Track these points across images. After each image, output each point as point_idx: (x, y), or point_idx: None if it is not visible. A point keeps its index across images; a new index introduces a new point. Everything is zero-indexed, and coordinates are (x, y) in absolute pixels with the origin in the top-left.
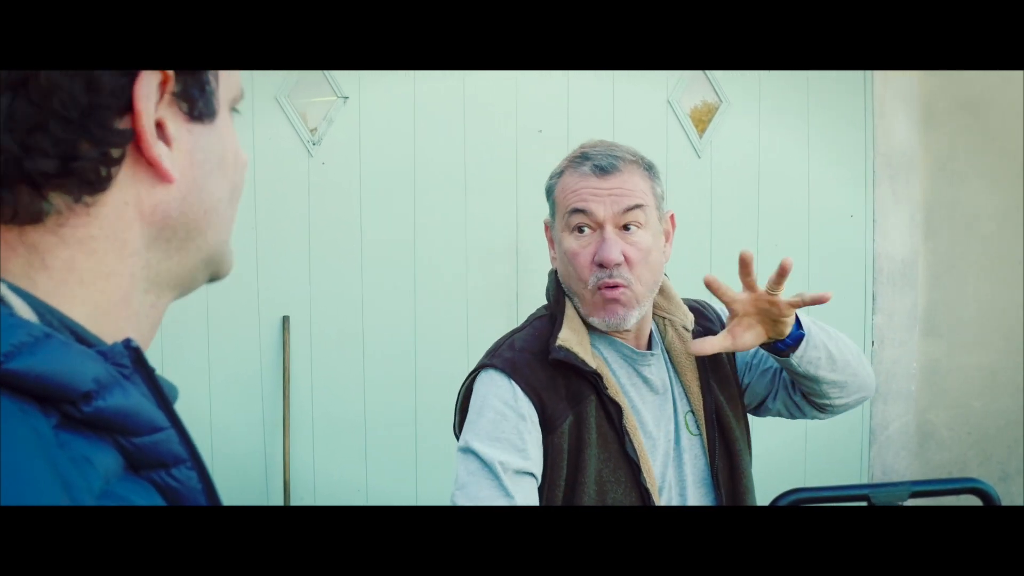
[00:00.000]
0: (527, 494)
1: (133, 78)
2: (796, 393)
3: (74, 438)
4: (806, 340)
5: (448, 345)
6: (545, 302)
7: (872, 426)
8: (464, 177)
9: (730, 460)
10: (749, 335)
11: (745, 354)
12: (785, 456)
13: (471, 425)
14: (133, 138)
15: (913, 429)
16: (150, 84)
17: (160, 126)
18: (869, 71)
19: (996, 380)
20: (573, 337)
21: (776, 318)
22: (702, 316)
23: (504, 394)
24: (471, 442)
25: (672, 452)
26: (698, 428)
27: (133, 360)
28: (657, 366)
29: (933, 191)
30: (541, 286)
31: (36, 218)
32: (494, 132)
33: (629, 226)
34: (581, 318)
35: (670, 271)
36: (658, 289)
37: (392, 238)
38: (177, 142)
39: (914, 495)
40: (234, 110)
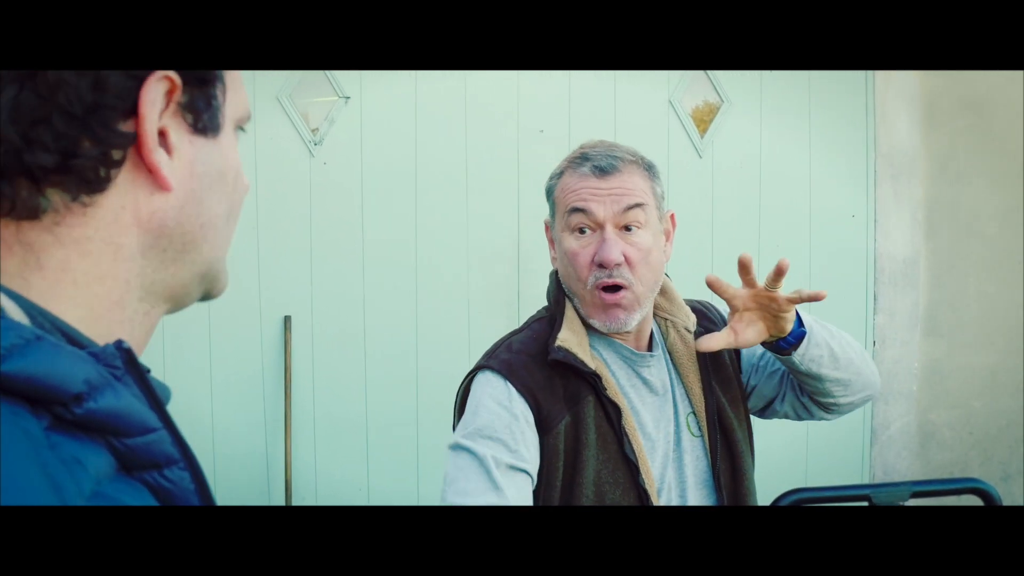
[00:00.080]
0: (519, 490)
1: (140, 82)
2: (804, 395)
3: (65, 440)
4: (807, 338)
5: (449, 345)
6: (546, 303)
7: (873, 426)
8: (465, 177)
9: (732, 462)
10: (751, 331)
11: (751, 356)
12: (786, 456)
13: (464, 425)
14: (135, 142)
15: (914, 429)
16: (157, 90)
17: (163, 134)
18: (871, 71)
19: (997, 380)
20: (572, 338)
21: (776, 313)
22: (705, 317)
23: (499, 395)
24: (461, 440)
25: (672, 453)
26: (700, 430)
27: (125, 361)
28: (657, 367)
29: (934, 191)
30: (542, 286)
31: (33, 214)
32: (495, 132)
33: (630, 227)
34: (581, 319)
35: (671, 271)
36: (659, 289)
37: (393, 238)
38: (178, 152)
39: (915, 495)
40: (240, 129)
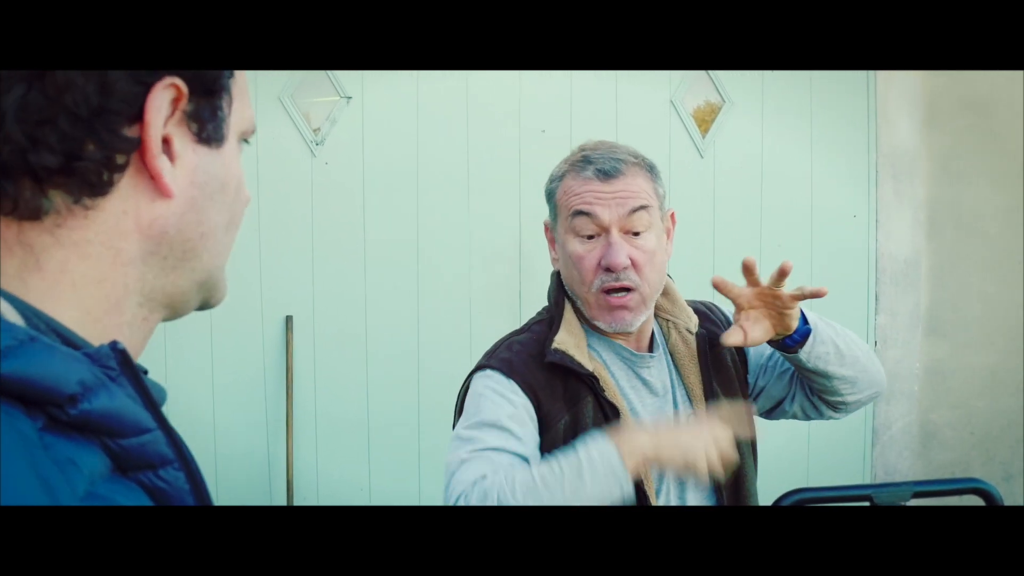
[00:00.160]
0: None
1: (147, 88)
2: (813, 394)
3: (59, 440)
4: (813, 335)
5: (451, 345)
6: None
7: (875, 426)
8: (467, 177)
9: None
10: (758, 329)
11: (759, 357)
12: (787, 456)
13: (467, 417)
14: (138, 147)
15: (916, 429)
16: (163, 97)
17: (167, 141)
18: (872, 71)
19: (999, 380)
20: (570, 340)
21: (780, 310)
22: (707, 318)
23: (501, 388)
24: (463, 431)
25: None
26: None
27: (119, 362)
28: (657, 368)
29: (936, 191)
30: (544, 286)
31: (35, 214)
32: (497, 132)
33: (635, 230)
34: (580, 320)
35: (672, 271)
36: (662, 289)
37: (395, 238)
38: (181, 159)
39: (917, 495)
40: (244, 141)
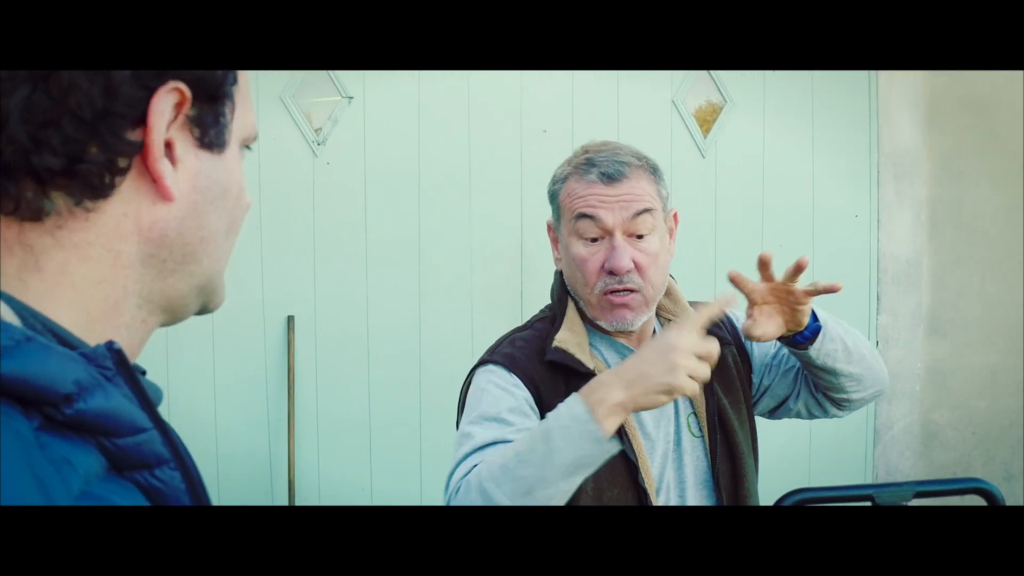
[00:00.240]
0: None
1: (151, 92)
2: (818, 391)
3: (55, 440)
4: (823, 332)
5: (452, 345)
6: (550, 302)
7: (876, 426)
8: (468, 177)
9: (732, 464)
10: (771, 324)
11: (764, 356)
12: (789, 456)
13: (468, 412)
14: (141, 151)
15: (917, 429)
16: (166, 101)
17: (169, 146)
18: (873, 71)
19: (1000, 380)
20: (571, 338)
21: (793, 306)
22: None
23: (501, 381)
24: (466, 426)
25: (672, 453)
26: (700, 430)
27: (116, 362)
28: None
29: (937, 191)
30: (545, 286)
31: (36, 216)
32: (498, 132)
33: (639, 233)
34: (583, 319)
35: (674, 271)
36: (665, 290)
37: (396, 238)
38: (183, 163)
39: (918, 495)
40: (246, 147)
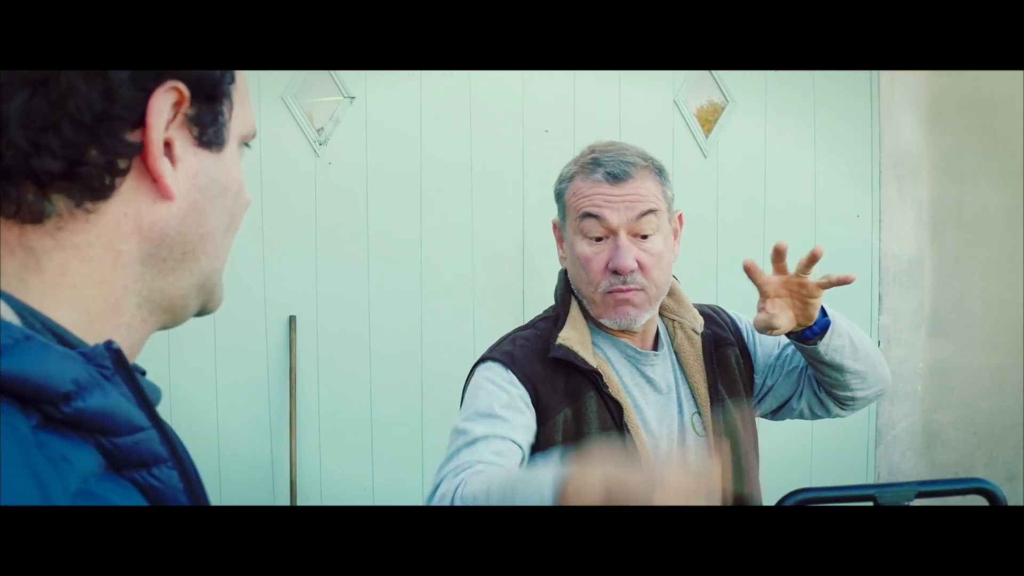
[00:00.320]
0: (504, 457)
1: (149, 93)
2: (821, 390)
3: (53, 438)
4: (832, 327)
5: (454, 345)
6: (553, 302)
7: (878, 426)
8: (470, 177)
9: (735, 463)
10: (783, 317)
11: (767, 357)
12: (790, 456)
13: (464, 408)
14: (140, 152)
15: (919, 429)
16: (165, 101)
17: (168, 145)
18: (875, 71)
19: (1003, 380)
20: (575, 336)
21: (806, 299)
22: (713, 320)
23: (498, 378)
24: (459, 423)
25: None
26: (704, 430)
27: (114, 361)
28: (662, 366)
29: (939, 191)
30: (548, 286)
31: (37, 218)
32: (500, 132)
33: (643, 233)
34: (586, 318)
35: (677, 271)
36: (668, 290)
37: (398, 238)
38: (182, 163)
39: (920, 495)
40: (245, 145)
